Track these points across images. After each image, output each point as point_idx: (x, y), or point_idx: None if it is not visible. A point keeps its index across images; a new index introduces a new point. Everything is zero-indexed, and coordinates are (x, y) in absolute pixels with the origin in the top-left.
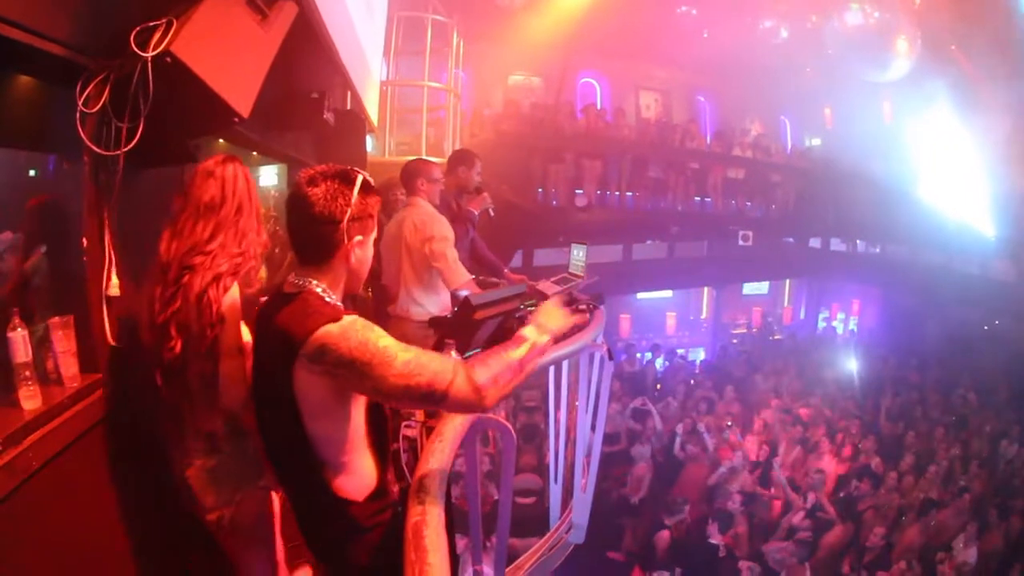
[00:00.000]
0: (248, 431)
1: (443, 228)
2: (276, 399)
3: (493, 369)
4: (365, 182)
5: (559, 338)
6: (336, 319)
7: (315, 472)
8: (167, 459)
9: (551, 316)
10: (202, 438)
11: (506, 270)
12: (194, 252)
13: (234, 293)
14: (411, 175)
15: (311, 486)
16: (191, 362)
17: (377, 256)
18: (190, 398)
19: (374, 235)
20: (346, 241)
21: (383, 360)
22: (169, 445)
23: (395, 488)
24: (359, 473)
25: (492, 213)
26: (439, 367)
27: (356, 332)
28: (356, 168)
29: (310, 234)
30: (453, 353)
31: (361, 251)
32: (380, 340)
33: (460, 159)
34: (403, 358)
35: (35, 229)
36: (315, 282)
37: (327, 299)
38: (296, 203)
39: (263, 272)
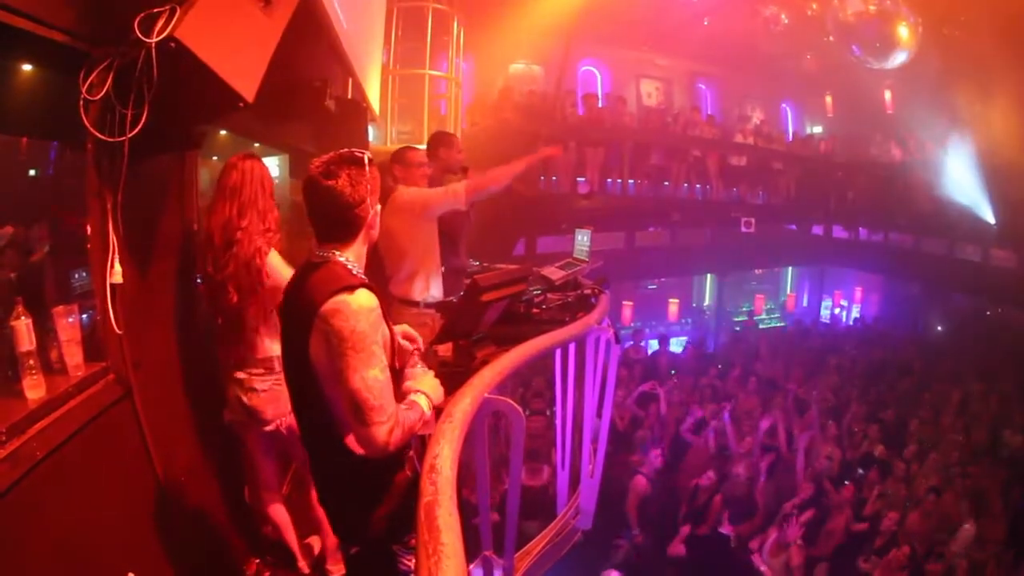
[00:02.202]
0: None
1: (418, 194)
2: (298, 359)
3: (403, 434)
4: (369, 159)
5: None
6: (358, 287)
7: (330, 428)
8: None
9: (434, 389)
10: (262, 364)
11: None
12: (232, 227)
13: (272, 252)
14: (391, 162)
15: (325, 440)
16: (249, 306)
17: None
18: (244, 333)
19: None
20: (370, 214)
21: (363, 360)
22: (228, 381)
23: (408, 452)
24: None
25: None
26: (388, 406)
27: (364, 321)
28: (354, 149)
29: (341, 218)
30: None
31: (378, 216)
32: (374, 344)
33: (438, 141)
34: (375, 374)
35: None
36: (338, 253)
37: (353, 270)
38: (321, 195)
39: None
